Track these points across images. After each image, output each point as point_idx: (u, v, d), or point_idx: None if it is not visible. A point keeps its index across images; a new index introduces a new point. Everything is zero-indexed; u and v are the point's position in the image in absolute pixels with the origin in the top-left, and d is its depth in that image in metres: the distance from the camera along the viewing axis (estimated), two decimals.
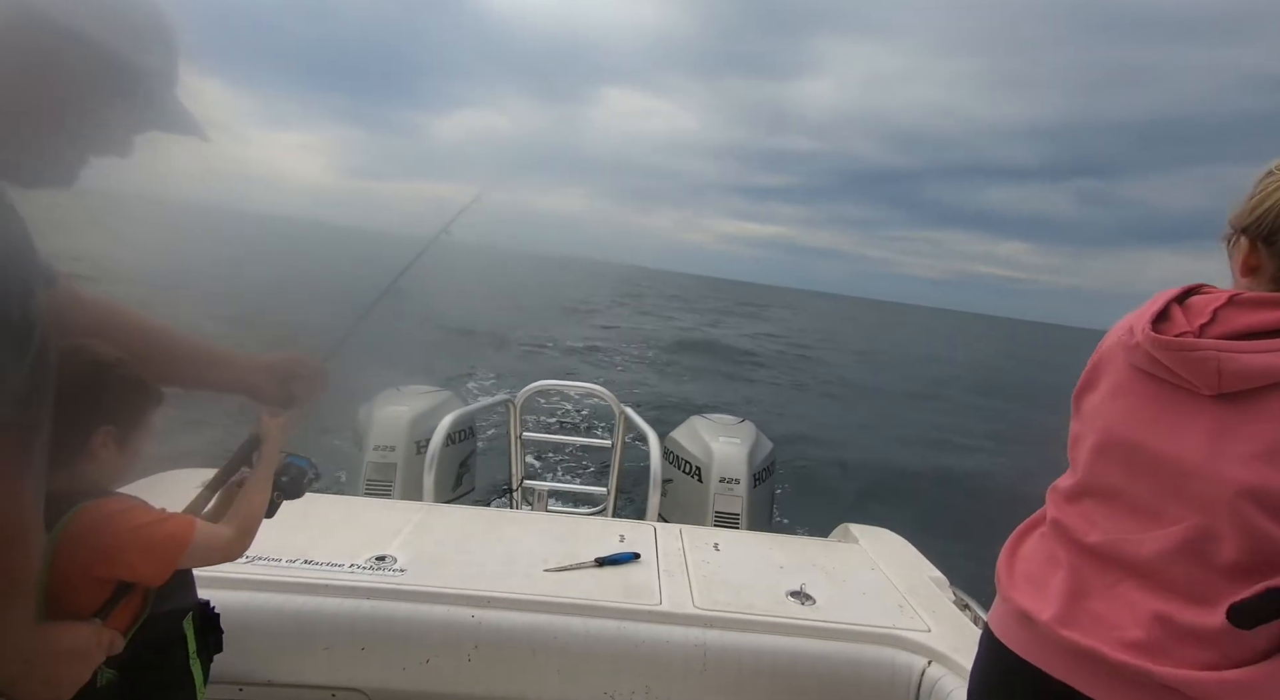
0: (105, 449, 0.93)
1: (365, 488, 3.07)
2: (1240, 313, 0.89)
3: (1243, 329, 0.88)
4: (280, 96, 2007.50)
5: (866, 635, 1.67)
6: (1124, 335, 0.98)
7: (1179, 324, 0.93)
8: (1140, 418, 0.95)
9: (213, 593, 1.20)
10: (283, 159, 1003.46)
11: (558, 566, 1.82)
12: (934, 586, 1.99)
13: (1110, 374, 1.02)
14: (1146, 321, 0.94)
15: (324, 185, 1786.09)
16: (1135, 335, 0.95)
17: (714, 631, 1.64)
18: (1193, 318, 0.92)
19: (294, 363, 1.14)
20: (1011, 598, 1.05)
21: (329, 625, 1.57)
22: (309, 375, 1.15)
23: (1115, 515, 0.97)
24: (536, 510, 3.35)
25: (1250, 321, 0.88)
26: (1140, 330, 0.94)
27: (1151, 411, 0.94)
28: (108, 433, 0.92)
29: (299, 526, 1.92)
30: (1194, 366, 0.88)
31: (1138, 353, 0.95)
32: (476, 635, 1.59)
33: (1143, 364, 0.95)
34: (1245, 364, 0.84)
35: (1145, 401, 0.95)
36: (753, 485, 3.18)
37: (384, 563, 1.75)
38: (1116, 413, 0.99)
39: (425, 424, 3.13)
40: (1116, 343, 1.01)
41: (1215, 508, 0.86)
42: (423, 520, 2.06)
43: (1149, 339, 0.92)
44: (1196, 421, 0.89)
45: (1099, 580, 0.96)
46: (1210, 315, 0.91)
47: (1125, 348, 0.98)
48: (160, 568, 0.94)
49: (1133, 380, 0.97)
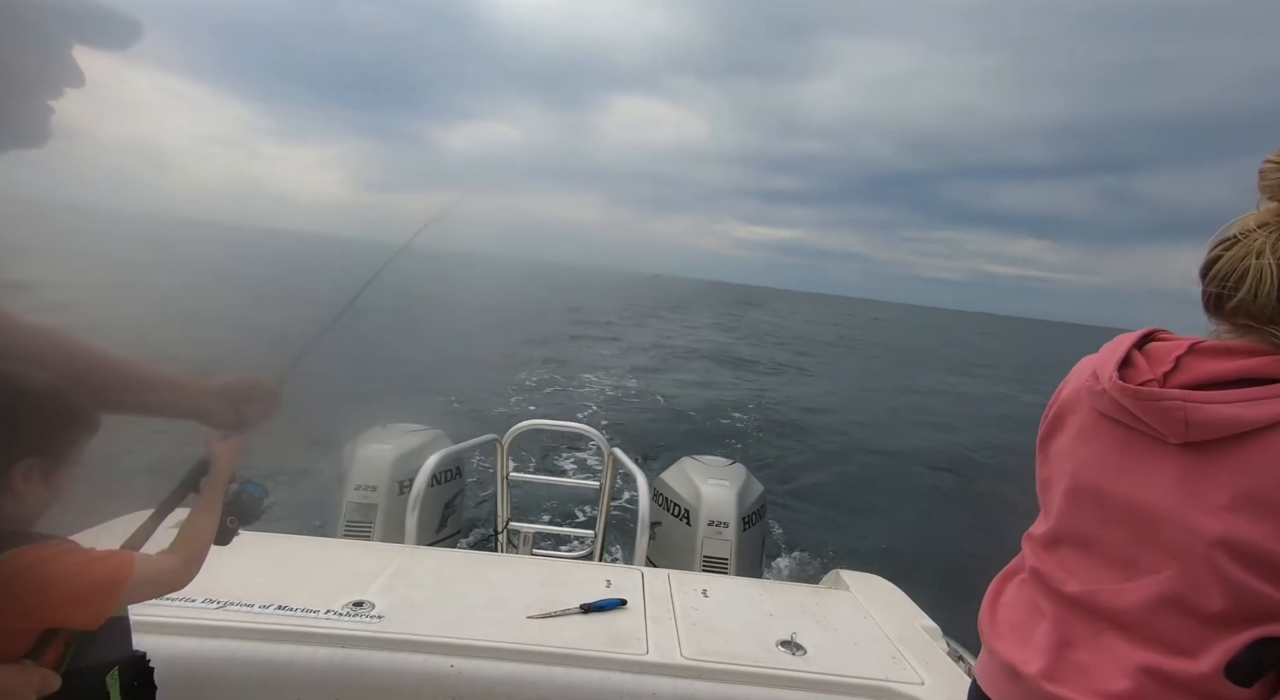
0: (28, 483, 0.87)
1: (344, 529, 3.00)
2: (1201, 361, 0.90)
3: (1205, 377, 0.88)
4: (299, 113, 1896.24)
5: (859, 688, 1.62)
6: (1089, 381, 0.99)
7: (1143, 371, 0.93)
8: (1107, 464, 0.95)
9: (179, 640, 1.15)
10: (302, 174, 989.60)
11: (542, 613, 1.77)
12: (927, 636, 1.95)
13: (1075, 418, 1.02)
14: (1113, 368, 0.94)
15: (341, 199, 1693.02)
16: (1101, 382, 0.96)
17: (702, 683, 1.59)
18: (1155, 365, 0.93)
19: (247, 384, 1.10)
20: (996, 650, 1.03)
21: (301, 676, 1.51)
22: (262, 396, 1.11)
23: (1091, 564, 0.96)
24: (522, 553, 3.27)
25: (1212, 370, 0.88)
26: (1106, 377, 0.95)
27: (1119, 458, 0.94)
28: (31, 466, 0.86)
29: (274, 569, 1.86)
30: (1161, 416, 0.89)
31: (1103, 399, 0.95)
32: (455, 687, 1.53)
33: (1109, 410, 0.95)
34: (1211, 414, 0.85)
35: (1112, 447, 0.95)
36: (742, 529, 3.14)
37: (361, 608, 1.69)
38: (1083, 458, 0.99)
39: (410, 463, 3.07)
40: (1081, 387, 1.01)
41: (1191, 558, 0.86)
42: (403, 563, 2.00)
43: (1116, 387, 0.93)
44: (1164, 469, 0.89)
45: (1082, 630, 0.95)
46: (1173, 363, 0.91)
47: (1091, 393, 0.98)
48: (95, 614, 0.88)
49: (1098, 425, 0.98)
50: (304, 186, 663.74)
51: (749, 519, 3.22)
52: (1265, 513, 0.81)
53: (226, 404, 1.09)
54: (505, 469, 3.47)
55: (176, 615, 1.51)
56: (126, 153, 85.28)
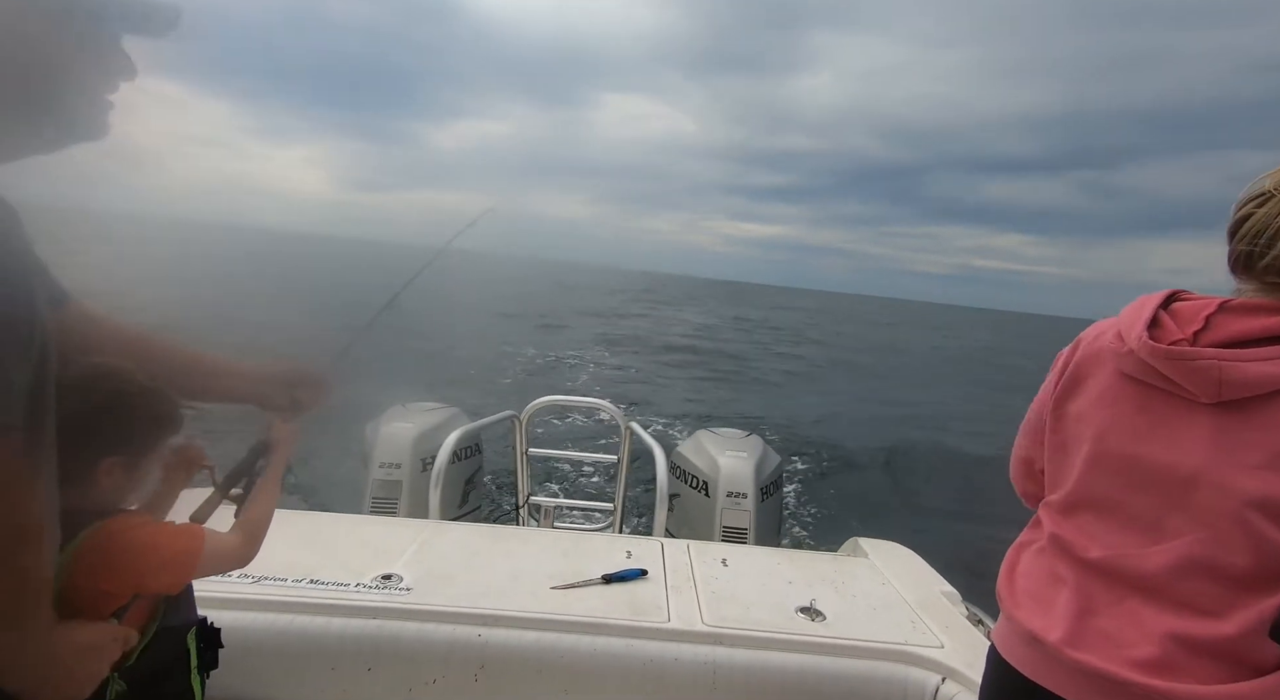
0: (109, 477, 0.92)
1: (370, 506, 3.06)
2: (1232, 319, 0.89)
3: (1237, 335, 0.87)
4: (281, 112, 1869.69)
5: (878, 652, 1.64)
6: (1114, 343, 0.97)
7: (1171, 331, 0.92)
8: (1134, 427, 0.94)
9: (218, 612, 1.20)
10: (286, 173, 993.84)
11: (564, 584, 1.81)
12: (946, 601, 1.96)
13: (1094, 382, 1.00)
14: (1141, 329, 0.93)
15: (326, 198, 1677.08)
16: (1127, 342, 0.94)
17: (723, 649, 1.62)
18: (1183, 324, 0.91)
19: (300, 371, 1.15)
20: (1015, 616, 1.03)
21: (335, 645, 1.56)
22: (315, 383, 1.16)
23: (1114, 529, 0.96)
24: (543, 527, 3.33)
25: (1244, 328, 0.87)
26: (1135, 338, 0.93)
27: (1145, 420, 0.93)
28: (114, 463, 0.92)
29: (305, 546, 1.91)
30: (1194, 375, 0.87)
31: (1130, 360, 0.94)
32: (483, 654, 1.58)
33: (1134, 371, 0.94)
34: (1245, 373, 0.84)
35: (1137, 410, 0.94)
36: (760, 499, 3.16)
37: (390, 582, 1.74)
38: (1106, 422, 0.97)
39: (431, 441, 3.13)
40: (1103, 349, 0.99)
41: (1221, 519, 0.85)
42: (429, 538, 2.05)
43: (1146, 347, 0.91)
44: (1194, 430, 0.88)
45: (1105, 597, 0.95)
46: (1204, 321, 0.90)
47: (1116, 355, 0.96)
48: (174, 581, 0.96)
49: (1122, 387, 0.96)
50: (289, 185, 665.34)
51: (767, 489, 3.25)
52: None
53: (282, 389, 1.14)
54: (524, 445, 3.52)
55: (215, 589, 1.56)
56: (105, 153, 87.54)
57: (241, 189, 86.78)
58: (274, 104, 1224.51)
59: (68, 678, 0.81)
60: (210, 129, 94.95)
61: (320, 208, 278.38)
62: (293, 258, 44.40)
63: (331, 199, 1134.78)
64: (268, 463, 1.13)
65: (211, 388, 1.11)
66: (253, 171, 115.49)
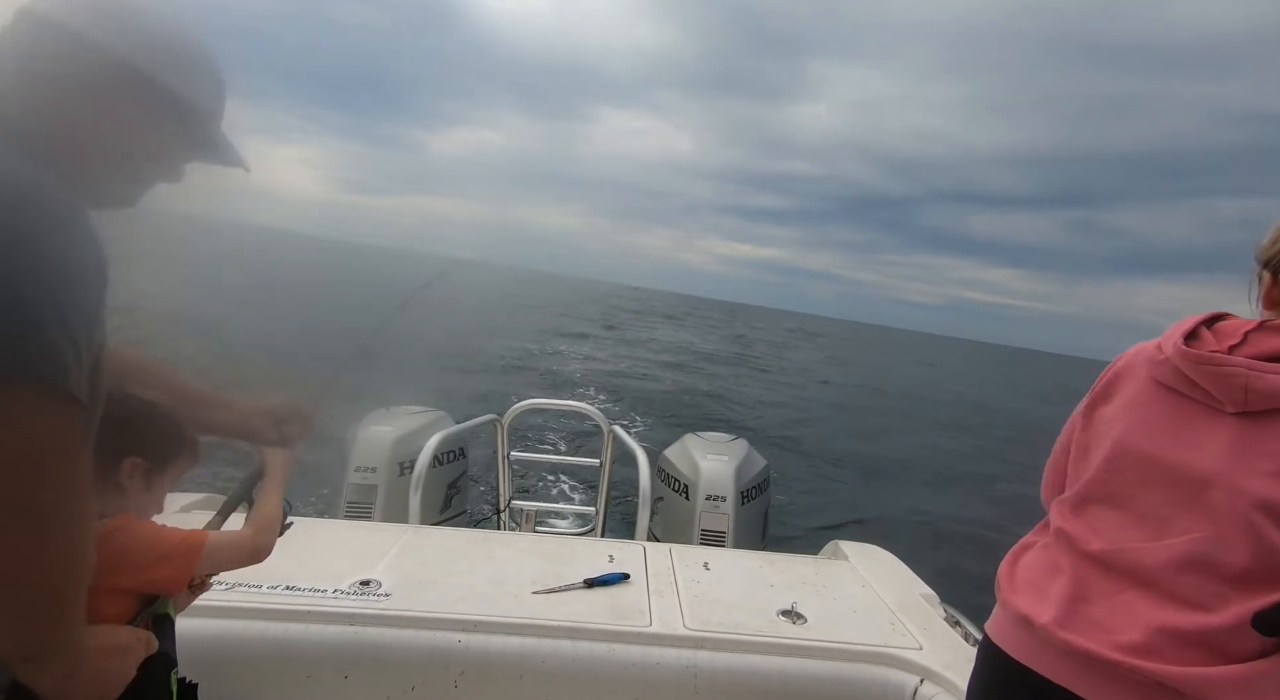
0: (130, 480, 0.96)
1: (345, 510, 3.02)
2: (1270, 337, 0.93)
3: (1271, 352, 0.91)
4: (278, 109, 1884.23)
5: (859, 654, 1.66)
6: (1151, 352, 1.01)
7: (1208, 343, 0.96)
8: (1157, 429, 0.98)
9: (193, 620, 1.18)
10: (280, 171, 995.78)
11: (546, 588, 1.79)
12: (925, 603, 1.98)
13: (1128, 388, 1.04)
14: (1179, 338, 0.97)
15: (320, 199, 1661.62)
16: (1165, 351, 0.99)
17: (705, 652, 1.62)
18: (1222, 339, 0.96)
19: (289, 408, 1.21)
20: (1011, 602, 1.06)
21: (312, 652, 1.54)
22: (302, 419, 1.22)
23: (1121, 523, 0.99)
24: (524, 531, 3.30)
25: (1278, 345, 0.91)
26: (1171, 346, 0.97)
27: (1170, 424, 0.97)
28: (135, 464, 0.95)
29: (281, 550, 1.87)
30: (1222, 382, 0.91)
31: (1164, 367, 0.98)
32: (463, 660, 1.56)
33: (1167, 379, 0.98)
34: (1273, 383, 0.88)
35: (1163, 414, 0.98)
36: (740, 502, 3.16)
37: (369, 587, 1.71)
38: (1132, 423, 1.01)
39: (411, 445, 3.08)
40: (1141, 358, 1.04)
41: (1230, 518, 0.88)
42: (409, 543, 2.03)
43: (1180, 353, 0.95)
44: (1216, 435, 0.92)
45: (1101, 588, 0.98)
46: (1241, 337, 0.94)
47: (1151, 363, 1.01)
48: (179, 572, 0.97)
49: (1153, 393, 1.00)
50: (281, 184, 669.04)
51: (749, 493, 3.25)
52: None
53: (270, 424, 1.19)
54: (506, 448, 3.49)
55: None
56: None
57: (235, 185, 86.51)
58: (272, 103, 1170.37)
59: (96, 678, 0.82)
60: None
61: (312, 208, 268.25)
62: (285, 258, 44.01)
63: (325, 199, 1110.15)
64: (267, 478, 1.18)
65: (210, 421, 1.15)
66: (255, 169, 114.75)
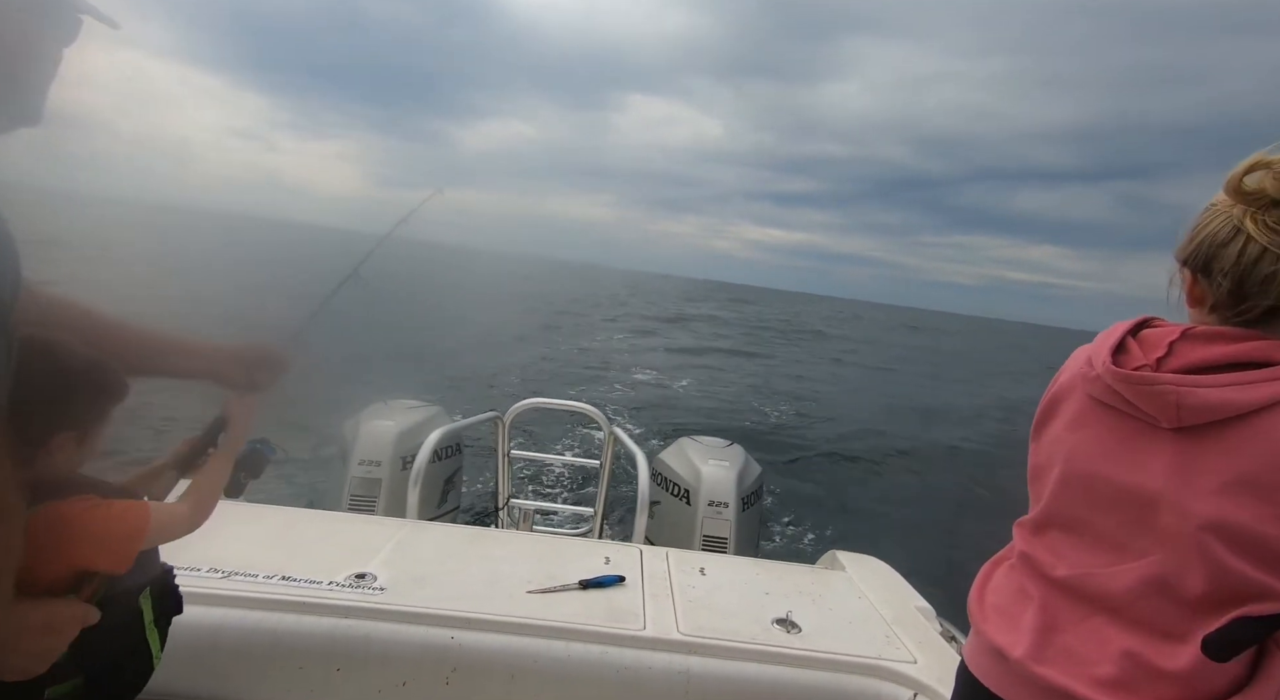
0: (62, 451, 0.94)
1: (349, 503, 3.03)
2: (1194, 346, 0.91)
3: (1198, 362, 0.89)
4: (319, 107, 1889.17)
5: (852, 665, 1.65)
6: (1084, 367, 0.99)
7: (1136, 357, 0.94)
8: (1101, 449, 0.96)
9: (188, 608, 1.18)
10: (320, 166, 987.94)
11: (540, 588, 1.79)
12: (920, 617, 1.97)
13: (1069, 406, 1.02)
14: (1106, 354, 0.95)
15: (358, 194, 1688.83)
16: (1094, 368, 0.96)
17: (697, 658, 1.61)
18: (1148, 351, 0.93)
19: (257, 349, 1.18)
20: (984, 631, 1.05)
21: (304, 644, 1.54)
22: (271, 362, 1.20)
23: (1081, 548, 0.97)
24: (522, 530, 3.31)
25: (1205, 355, 0.89)
26: (1100, 363, 0.95)
27: (1112, 444, 0.95)
28: (65, 438, 0.93)
29: (278, 542, 1.88)
30: (1153, 400, 0.89)
31: (1097, 385, 0.96)
32: (456, 658, 1.56)
33: (1102, 396, 0.96)
34: (1203, 398, 0.86)
35: (1105, 433, 0.96)
36: (741, 509, 3.17)
37: (364, 581, 1.72)
38: (1077, 444, 0.99)
39: (412, 439, 3.09)
40: (1076, 374, 1.01)
41: (1180, 541, 0.87)
42: (405, 538, 2.03)
43: (1109, 372, 0.94)
44: (1157, 454, 0.90)
45: (1069, 615, 0.96)
46: (1166, 348, 0.92)
47: (1085, 379, 0.98)
48: (120, 560, 0.95)
49: (1092, 412, 0.98)
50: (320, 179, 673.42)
51: (748, 499, 3.25)
52: (1255, 497, 0.82)
53: (238, 367, 1.16)
54: (506, 446, 3.50)
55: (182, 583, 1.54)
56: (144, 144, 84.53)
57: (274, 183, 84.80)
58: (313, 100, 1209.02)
59: (24, 656, 0.82)
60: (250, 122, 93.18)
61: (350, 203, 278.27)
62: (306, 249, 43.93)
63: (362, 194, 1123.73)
64: (226, 436, 1.16)
65: (167, 365, 1.13)
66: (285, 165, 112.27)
